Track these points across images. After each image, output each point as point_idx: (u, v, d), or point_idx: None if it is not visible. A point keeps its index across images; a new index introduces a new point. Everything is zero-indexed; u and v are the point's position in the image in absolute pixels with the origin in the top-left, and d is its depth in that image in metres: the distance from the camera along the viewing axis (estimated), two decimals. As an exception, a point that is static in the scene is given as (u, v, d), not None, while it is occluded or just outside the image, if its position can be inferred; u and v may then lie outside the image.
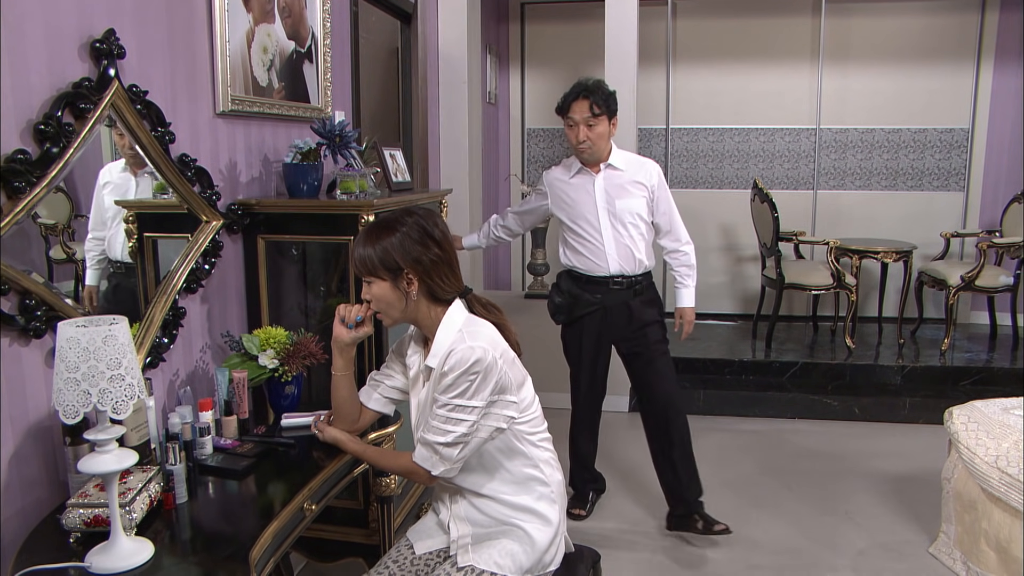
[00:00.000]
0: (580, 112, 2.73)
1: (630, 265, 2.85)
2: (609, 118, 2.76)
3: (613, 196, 2.81)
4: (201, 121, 2.13)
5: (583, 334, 2.96)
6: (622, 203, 2.80)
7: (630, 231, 2.82)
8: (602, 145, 2.78)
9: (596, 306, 2.90)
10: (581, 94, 2.74)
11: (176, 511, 1.59)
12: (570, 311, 2.95)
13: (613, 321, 2.91)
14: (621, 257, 2.84)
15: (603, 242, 2.83)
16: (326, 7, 2.80)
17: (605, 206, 2.81)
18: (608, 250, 2.83)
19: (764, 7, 5.41)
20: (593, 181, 2.83)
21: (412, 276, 1.60)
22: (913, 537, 2.93)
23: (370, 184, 2.48)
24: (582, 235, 2.86)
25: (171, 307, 1.99)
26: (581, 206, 2.85)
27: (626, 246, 2.83)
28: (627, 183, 2.82)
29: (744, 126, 5.58)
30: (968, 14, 5.20)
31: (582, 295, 2.91)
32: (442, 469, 1.60)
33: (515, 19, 5.77)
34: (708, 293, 5.74)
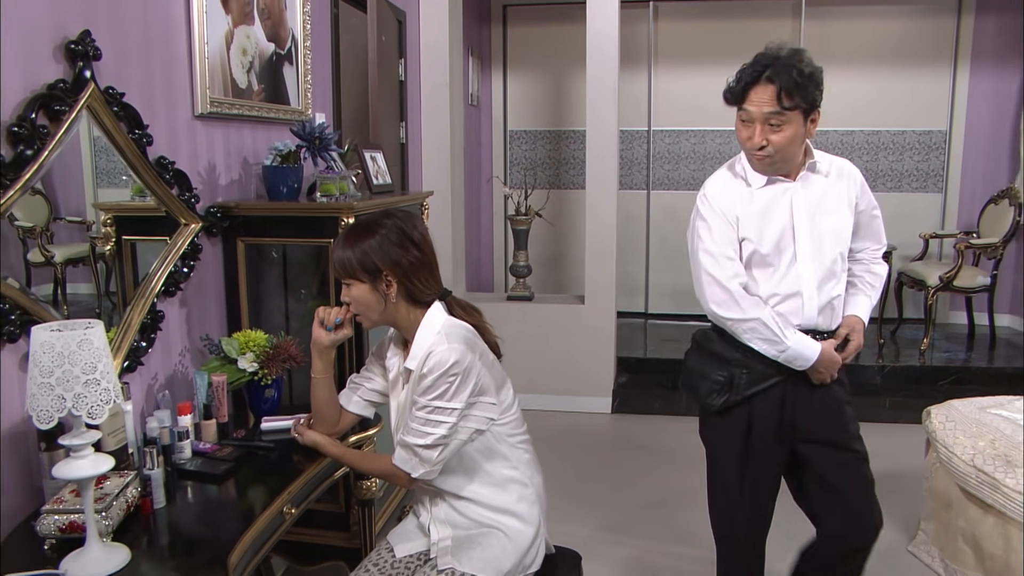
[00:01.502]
0: (760, 102, 1.80)
1: (829, 315, 1.94)
2: (806, 113, 1.81)
3: (818, 214, 1.90)
4: (179, 123, 2.12)
5: (752, 426, 1.95)
6: (828, 223, 1.90)
7: (836, 265, 1.92)
8: (793, 152, 1.85)
9: (775, 379, 1.92)
10: (764, 75, 1.80)
11: (154, 516, 1.58)
12: (733, 387, 1.93)
13: (799, 401, 1.94)
14: (822, 301, 1.91)
15: (802, 282, 1.89)
16: (306, 9, 2.79)
17: (807, 228, 1.89)
18: (808, 293, 1.89)
19: (745, 10, 5.45)
20: (789, 192, 1.90)
21: (391, 278, 1.60)
22: (893, 535, 2.96)
23: (350, 186, 2.48)
24: (763, 276, 1.92)
25: (149, 310, 1.98)
26: (770, 230, 1.90)
27: (831, 286, 1.93)
28: (833, 191, 1.93)
29: (726, 128, 5.60)
30: (944, 18, 5.26)
31: (754, 362, 1.91)
32: (422, 471, 1.59)
33: (497, 21, 5.77)
34: (689, 294, 5.75)
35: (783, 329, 1.87)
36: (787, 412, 1.95)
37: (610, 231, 4.23)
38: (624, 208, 5.48)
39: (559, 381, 4.35)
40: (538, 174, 5.81)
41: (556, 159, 5.88)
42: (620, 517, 3.14)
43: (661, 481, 3.44)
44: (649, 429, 4.11)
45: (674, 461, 3.66)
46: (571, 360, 4.33)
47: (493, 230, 6.04)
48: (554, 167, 5.88)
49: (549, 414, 4.28)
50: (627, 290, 5.65)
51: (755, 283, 1.91)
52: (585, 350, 4.32)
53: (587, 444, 3.93)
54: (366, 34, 3.49)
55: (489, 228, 6.05)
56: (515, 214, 4.40)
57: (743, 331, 1.89)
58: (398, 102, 4.05)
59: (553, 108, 5.80)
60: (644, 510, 3.15)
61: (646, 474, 3.52)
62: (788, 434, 1.97)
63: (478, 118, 5.76)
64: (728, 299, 1.88)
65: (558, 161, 5.88)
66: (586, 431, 4.11)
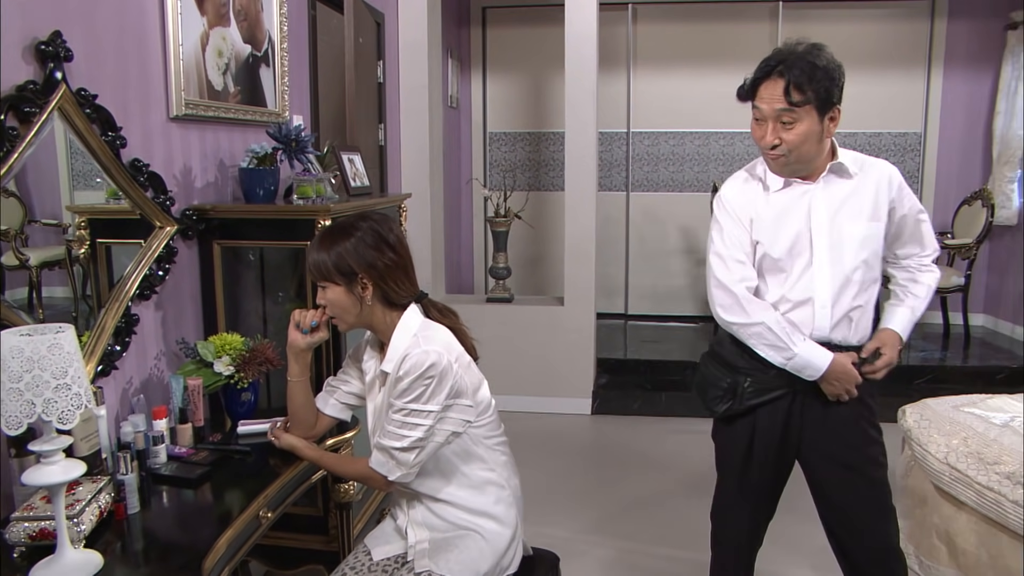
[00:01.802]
0: (770, 99, 1.73)
1: (846, 328, 1.84)
2: (821, 109, 1.73)
3: (837, 219, 1.81)
4: (154, 125, 2.11)
5: (754, 435, 1.90)
6: (850, 229, 1.80)
7: (857, 274, 1.81)
8: (808, 151, 1.77)
9: (781, 391, 1.86)
10: (775, 70, 1.73)
11: (128, 522, 1.56)
12: (736, 395, 1.89)
13: (806, 417, 1.87)
14: (838, 312, 1.82)
15: (815, 289, 1.81)
16: (283, 11, 2.78)
17: (825, 233, 1.80)
18: (820, 301, 1.81)
19: (723, 13, 5.49)
20: (808, 195, 1.82)
21: (367, 281, 1.59)
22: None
23: (328, 189, 2.47)
24: (777, 281, 1.85)
25: (124, 314, 1.96)
26: (784, 234, 1.82)
27: (850, 296, 1.82)
28: (858, 195, 1.83)
29: (704, 130, 5.66)
30: (918, 22, 5.34)
31: (760, 371, 1.85)
32: (399, 474, 1.59)
33: (476, 23, 5.78)
34: (669, 295, 5.82)
35: (791, 335, 1.78)
36: (793, 428, 1.87)
37: (589, 233, 4.25)
38: (604, 210, 5.51)
39: (539, 383, 4.36)
40: (517, 176, 5.82)
41: (535, 161, 5.89)
42: (599, 518, 3.15)
43: (640, 482, 3.46)
44: (629, 430, 4.13)
45: (653, 462, 3.69)
46: (551, 362, 4.35)
47: (473, 232, 6.04)
48: (533, 169, 5.90)
49: (529, 416, 4.28)
50: (607, 291, 5.68)
51: (767, 288, 1.85)
52: (565, 352, 4.34)
53: (567, 445, 3.94)
54: (344, 36, 3.48)
55: (469, 230, 6.05)
56: (494, 216, 4.40)
57: (748, 336, 1.82)
58: (377, 104, 4.04)
59: (532, 110, 5.82)
60: (623, 511, 3.17)
61: (625, 475, 3.54)
62: (793, 450, 1.90)
63: (458, 120, 5.77)
64: (733, 303, 1.82)
65: (537, 163, 5.89)
66: (566, 432, 4.12)
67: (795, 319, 1.82)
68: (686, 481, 3.48)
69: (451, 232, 5.44)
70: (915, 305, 1.92)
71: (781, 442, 1.90)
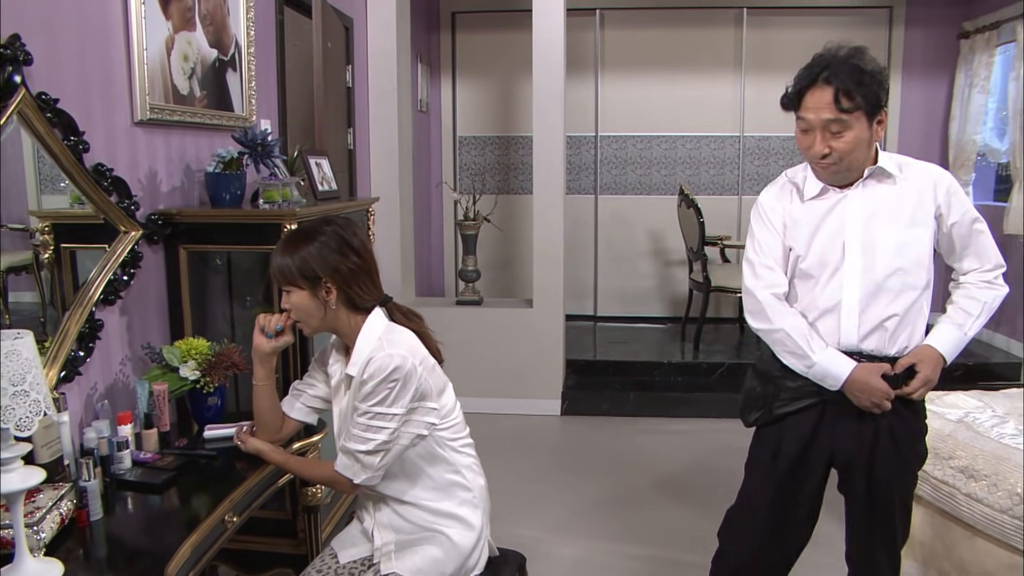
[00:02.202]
0: (818, 108, 1.67)
1: (880, 337, 1.75)
2: (871, 114, 1.67)
3: (872, 224, 1.74)
4: (118, 130, 2.10)
5: (781, 444, 1.84)
6: (884, 234, 1.73)
7: (891, 282, 1.73)
8: (859, 157, 1.71)
9: (810, 401, 1.81)
10: (820, 77, 1.66)
11: (90, 528, 1.55)
12: (767, 405, 1.86)
13: (838, 428, 1.80)
14: (867, 320, 1.74)
15: (842, 296, 1.75)
16: (250, 16, 2.78)
17: (859, 239, 1.74)
18: (847, 308, 1.75)
19: (688, 19, 5.58)
20: (845, 200, 1.76)
21: (330, 285, 1.60)
22: (829, 527, 3.06)
23: (294, 193, 2.48)
24: (806, 288, 1.81)
25: (87, 319, 1.95)
26: (817, 240, 1.77)
27: (882, 304, 1.74)
28: (899, 199, 1.74)
29: (671, 134, 5.74)
30: (877, 30, 5.48)
31: (791, 380, 1.81)
32: (364, 477, 1.60)
33: (446, 28, 5.80)
34: (637, 297, 5.89)
35: (810, 342, 1.74)
36: (822, 440, 1.80)
37: (557, 236, 4.28)
38: (573, 212, 5.56)
39: (508, 384, 4.39)
40: (487, 179, 5.86)
41: (505, 165, 5.93)
42: (568, 517, 3.17)
43: (609, 481, 3.49)
44: (597, 430, 4.17)
45: (622, 461, 3.73)
46: (520, 364, 4.37)
47: (443, 235, 6.06)
48: (503, 172, 5.93)
49: (499, 417, 4.30)
50: (576, 293, 5.73)
51: (798, 294, 1.81)
52: (534, 353, 4.37)
53: (536, 446, 3.97)
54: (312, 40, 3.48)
55: (439, 233, 6.07)
56: (464, 219, 4.43)
57: (772, 343, 1.81)
58: (346, 108, 4.04)
59: (502, 114, 5.85)
60: (592, 510, 3.20)
61: (594, 475, 3.57)
62: (821, 467, 1.83)
63: (427, 124, 5.78)
64: (759, 309, 1.80)
65: (507, 167, 5.93)
66: (535, 433, 4.15)
67: (822, 327, 1.77)
68: (654, 480, 3.52)
69: (421, 235, 5.45)
70: (964, 322, 1.79)
71: (806, 454, 1.81)
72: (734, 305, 5.48)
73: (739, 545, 1.97)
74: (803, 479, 1.85)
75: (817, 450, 1.82)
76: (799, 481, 1.85)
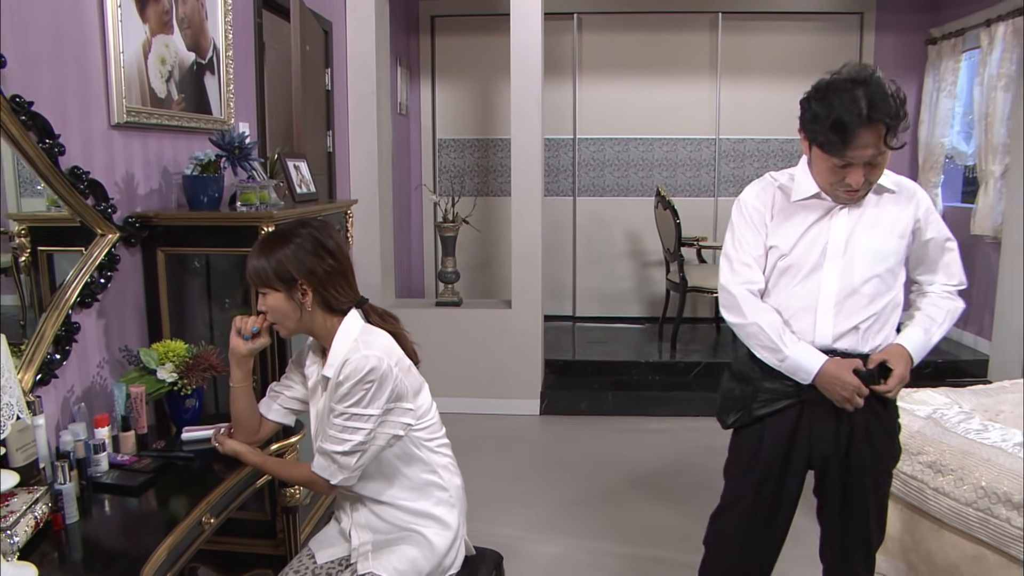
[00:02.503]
0: (864, 148, 1.63)
1: (854, 338, 1.80)
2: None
3: (856, 230, 1.78)
4: (95, 133, 2.10)
5: (760, 445, 1.87)
6: (866, 241, 1.77)
7: (867, 287, 1.78)
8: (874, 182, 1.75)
9: (789, 401, 1.84)
10: (872, 116, 1.60)
11: (66, 532, 1.54)
12: (746, 406, 1.89)
13: (815, 429, 1.83)
14: (842, 321, 1.79)
15: (819, 296, 1.79)
16: (228, 19, 2.78)
17: (841, 243, 1.78)
18: (823, 309, 1.79)
19: (665, 24, 5.64)
20: (831, 207, 1.79)
21: (306, 287, 1.61)
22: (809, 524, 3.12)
23: (272, 196, 2.49)
24: (784, 288, 1.83)
25: (64, 322, 1.95)
26: (800, 240, 1.80)
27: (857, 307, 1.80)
28: (881, 209, 1.80)
29: (648, 136, 5.80)
30: (848, 35, 5.59)
31: (769, 381, 1.85)
32: (341, 478, 1.61)
33: (425, 31, 5.82)
34: (615, 297, 5.94)
35: (783, 337, 1.78)
36: (800, 439, 1.84)
37: (535, 237, 4.32)
38: (552, 214, 5.61)
39: (488, 385, 4.41)
40: (466, 182, 5.88)
41: (484, 167, 5.96)
42: (546, 516, 3.20)
43: (587, 480, 3.53)
44: (576, 429, 4.21)
45: (600, 460, 3.76)
46: (499, 364, 4.40)
47: (423, 237, 6.08)
48: (482, 175, 5.96)
49: (478, 417, 4.33)
50: (555, 294, 5.78)
51: (775, 292, 1.84)
52: (513, 354, 4.40)
53: (515, 446, 4.00)
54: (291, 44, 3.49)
55: (419, 235, 6.08)
56: (443, 221, 4.45)
57: (745, 337, 1.85)
58: (325, 111, 4.05)
59: (481, 117, 5.88)
60: (570, 508, 3.23)
61: (572, 473, 3.60)
62: (800, 469, 1.86)
63: (407, 127, 5.79)
64: (734, 304, 1.84)
65: (486, 169, 5.96)
66: (514, 433, 4.18)
67: (797, 325, 1.81)
68: (632, 478, 3.56)
69: (401, 237, 5.46)
70: (929, 328, 1.86)
71: (786, 455, 1.85)
72: (711, 305, 5.55)
73: (725, 549, 1.98)
74: (783, 480, 1.87)
75: (796, 450, 1.85)
76: (780, 481, 1.88)
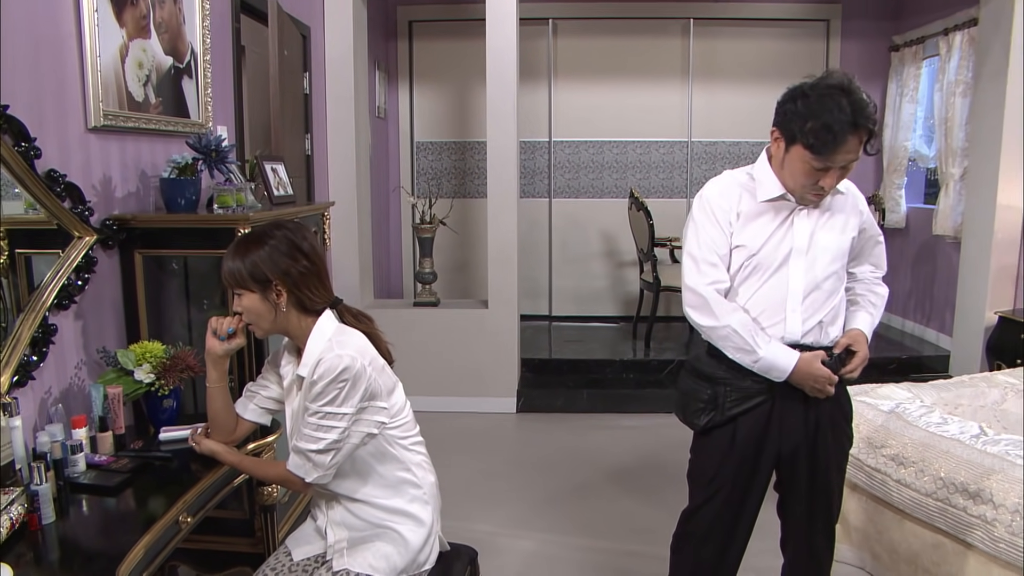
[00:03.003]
0: (848, 152, 1.70)
1: (818, 332, 1.88)
2: None
3: (817, 230, 1.85)
4: (71, 136, 2.11)
5: (733, 444, 1.89)
6: (826, 241, 1.86)
7: (827, 283, 1.86)
8: None
9: (761, 398, 1.88)
10: (858, 122, 1.67)
11: (42, 532, 1.54)
12: (718, 406, 1.90)
13: (785, 422, 1.88)
14: (808, 316, 1.85)
15: (787, 295, 1.84)
16: (206, 24, 2.80)
17: (805, 243, 1.84)
18: (792, 306, 1.84)
19: (638, 29, 5.73)
20: (794, 210, 1.85)
21: (280, 288, 1.64)
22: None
23: (249, 198, 2.51)
24: (752, 286, 1.87)
25: (41, 324, 1.96)
26: (765, 239, 1.84)
27: (820, 302, 1.87)
28: (837, 211, 1.88)
29: (622, 139, 5.89)
30: (815, 41, 5.72)
31: (738, 379, 1.87)
32: (315, 476, 1.63)
33: (403, 36, 5.86)
34: (590, 297, 6.01)
35: (755, 337, 1.82)
36: (772, 435, 1.88)
37: (511, 238, 4.36)
38: (528, 215, 5.67)
39: (465, 383, 4.46)
40: (443, 184, 5.92)
41: (461, 169, 6.01)
42: (522, 512, 3.24)
43: (562, 476, 3.57)
44: (552, 427, 4.26)
45: (575, 457, 3.82)
46: (476, 363, 4.44)
47: (401, 239, 6.11)
48: (459, 177, 6.01)
49: (455, 416, 4.37)
50: (532, 294, 5.84)
51: (742, 290, 1.86)
52: (490, 353, 4.44)
53: (492, 444, 4.04)
54: (268, 47, 3.51)
55: (397, 237, 6.11)
56: (420, 223, 4.49)
57: (717, 339, 1.85)
58: (303, 114, 4.07)
59: (458, 120, 5.93)
60: (545, 504, 3.27)
61: (548, 470, 3.65)
62: (769, 463, 1.92)
63: (385, 130, 5.82)
64: (703, 304, 1.84)
65: (463, 171, 6.01)
66: (491, 431, 4.22)
67: (766, 323, 1.85)
68: (607, 474, 3.62)
69: (379, 238, 5.49)
70: (873, 312, 1.99)
71: (758, 452, 1.89)
72: (684, 305, 5.63)
73: (697, 547, 2.01)
74: (756, 475, 1.91)
75: (768, 444, 1.89)
76: (752, 477, 1.91)
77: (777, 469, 1.98)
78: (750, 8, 5.69)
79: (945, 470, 2.38)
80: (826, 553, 2.01)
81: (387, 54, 5.82)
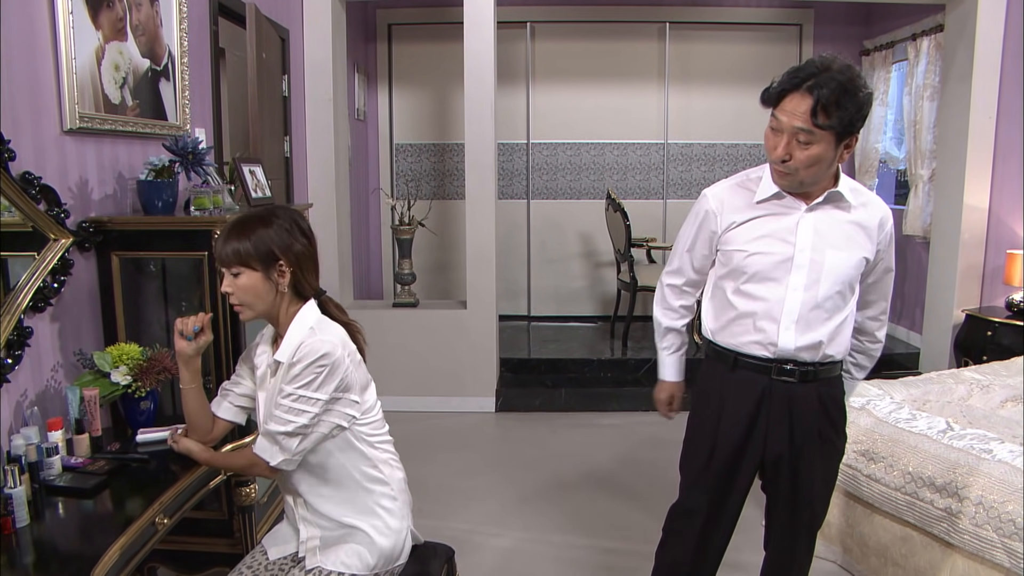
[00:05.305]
0: (793, 113, 1.64)
1: (815, 351, 1.81)
2: (840, 136, 1.66)
3: (822, 245, 1.77)
4: (47, 138, 2.10)
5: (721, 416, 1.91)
6: (833, 258, 1.76)
7: (828, 302, 1.79)
8: (815, 175, 1.71)
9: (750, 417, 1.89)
10: (805, 84, 1.63)
11: (16, 535, 1.54)
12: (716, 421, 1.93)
13: (772, 431, 1.87)
14: (803, 332, 1.79)
15: (784, 310, 1.78)
16: (183, 26, 2.80)
17: (807, 256, 1.76)
18: (785, 323, 1.79)
19: (615, 32, 5.79)
20: (798, 214, 1.78)
21: (285, 267, 1.64)
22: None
23: (226, 200, 2.52)
24: (747, 293, 1.83)
25: (16, 327, 1.95)
26: (764, 247, 1.79)
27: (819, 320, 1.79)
28: (850, 226, 1.79)
29: (599, 141, 5.94)
30: (788, 45, 5.80)
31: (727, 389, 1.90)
32: (280, 459, 1.63)
33: (383, 39, 5.88)
34: (569, 297, 6.06)
35: (662, 339, 2.06)
36: (756, 439, 1.88)
37: (490, 239, 4.39)
38: (507, 217, 5.70)
39: (444, 383, 4.48)
40: (422, 185, 5.95)
41: (440, 171, 6.03)
42: (499, 510, 3.26)
43: (541, 475, 3.60)
44: (530, 426, 4.29)
45: (554, 455, 3.85)
46: (455, 363, 4.47)
47: (381, 240, 6.12)
48: (438, 178, 6.03)
49: (435, 415, 4.39)
50: (511, 294, 5.87)
51: (736, 298, 1.83)
52: (469, 353, 4.47)
53: (471, 443, 4.06)
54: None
55: (376, 238, 6.12)
56: (399, 224, 4.50)
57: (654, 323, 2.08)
58: (282, 117, 4.07)
59: (437, 122, 5.95)
60: (523, 503, 3.30)
61: (527, 469, 3.68)
62: (754, 466, 1.91)
63: (365, 132, 5.83)
64: (658, 295, 2.05)
65: (442, 173, 6.03)
66: (470, 430, 4.24)
67: (759, 337, 1.81)
68: (585, 472, 3.65)
69: (359, 240, 5.49)
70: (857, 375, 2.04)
71: (738, 455, 1.89)
72: (662, 305, 5.69)
73: (685, 540, 2.03)
74: (735, 477, 1.92)
75: (752, 448, 1.89)
76: (731, 478, 1.92)
77: (761, 475, 1.98)
78: (725, 13, 5.77)
79: (913, 465, 2.45)
80: (805, 557, 2.03)
81: (366, 57, 5.82)
